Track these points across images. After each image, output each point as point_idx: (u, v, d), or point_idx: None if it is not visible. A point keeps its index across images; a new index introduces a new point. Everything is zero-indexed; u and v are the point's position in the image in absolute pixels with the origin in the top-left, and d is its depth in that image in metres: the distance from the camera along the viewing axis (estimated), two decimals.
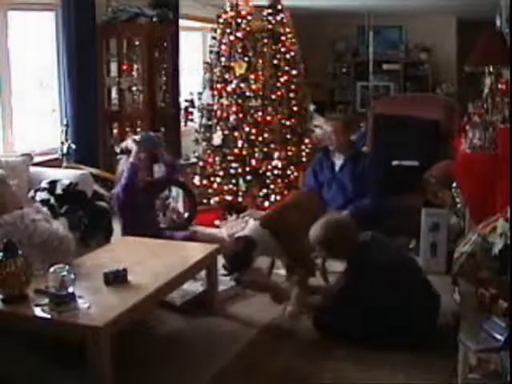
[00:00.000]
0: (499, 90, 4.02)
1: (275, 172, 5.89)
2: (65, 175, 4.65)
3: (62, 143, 5.20)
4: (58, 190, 4.42)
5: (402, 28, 10.00)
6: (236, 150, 5.91)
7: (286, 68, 6.06)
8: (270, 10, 6.04)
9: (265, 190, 5.88)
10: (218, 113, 6.02)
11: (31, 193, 4.29)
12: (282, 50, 6.03)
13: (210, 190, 6.00)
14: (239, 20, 5.94)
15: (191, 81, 7.48)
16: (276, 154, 5.90)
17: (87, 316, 2.80)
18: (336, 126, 4.83)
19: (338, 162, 4.87)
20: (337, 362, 3.22)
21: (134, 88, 6.05)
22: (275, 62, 6.01)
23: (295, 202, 4.00)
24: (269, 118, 5.93)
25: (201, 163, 6.12)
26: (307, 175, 5.19)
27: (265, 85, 5.95)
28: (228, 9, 6.01)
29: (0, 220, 3.33)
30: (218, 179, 5.97)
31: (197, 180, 6.08)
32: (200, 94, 6.31)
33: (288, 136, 6.07)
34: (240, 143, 5.90)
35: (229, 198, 5.89)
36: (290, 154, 6.05)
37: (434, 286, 3.53)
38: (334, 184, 4.84)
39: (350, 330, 3.37)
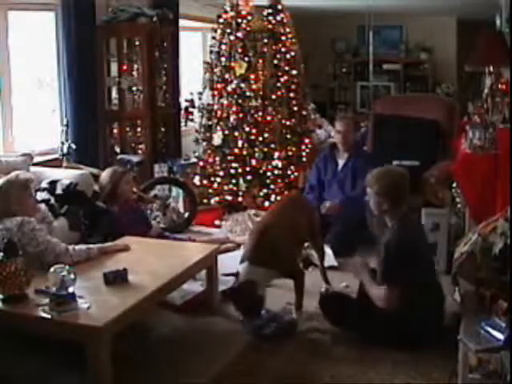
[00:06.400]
0: (499, 89, 4.02)
1: (275, 172, 5.89)
2: (65, 175, 4.66)
3: (62, 143, 5.20)
4: (58, 190, 4.42)
5: (402, 28, 9.98)
6: (236, 150, 5.92)
7: (286, 68, 6.07)
8: (270, 10, 6.04)
9: (265, 190, 5.88)
10: (218, 113, 6.02)
11: None
12: (282, 50, 6.04)
13: (210, 190, 6.00)
14: (239, 20, 5.95)
15: (191, 81, 7.48)
16: (276, 154, 5.91)
17: (87, 316, 2.80)
18: (348, 125, 4.95)
19: (341, 161, 4.97)
20: (336, 361, 3.22)
21: (134, 88, 6.05)
22: (275, 61, 6.02)
23: (274, 217, 3.98)
24: (269, 117, 5.94)
25: (201, 163, 6.12)
26: (311, 172, 5.35)
27: (265, 85, 5.95)
28: (228, 9, 6.02)
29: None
30: (218, 179, 5.97)
31: (197, 180, 6.09)
32: (200, 93, 6.31)
33: (288, 136, 6.08)
34: (240, 143, 5.90)
35: (229, 197, 5.90)
36: (290, 153, 6.05)
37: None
38: (334, 182, 4.92)
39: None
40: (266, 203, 5.79)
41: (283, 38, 6.05)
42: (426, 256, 3.52)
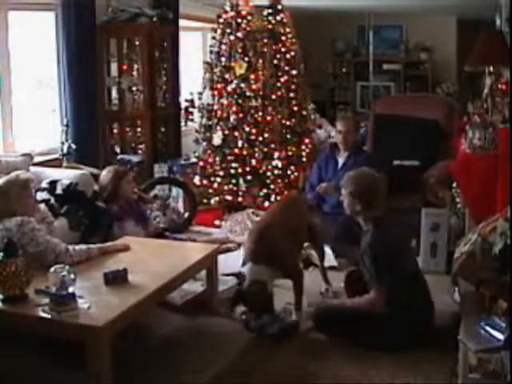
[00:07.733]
0: (499, 89, 4.02)
1: (275, 172, 5.89)
2: (65, 175, 4.66)
3: (62, 143, 5.20)
4: (58, 190, 4.42)
5: (402, 28, 9.99)
6: (236, 150, 5.92)
7: (286, 68, 6.06)
8: (270, 10, 6.04)
9: (265, 190, 5.88)
10: (218, 113, 6.02)
11: None
12: (282, 49, 6.03)
13: (210, 190, 6.00)
14: (239, 20, 5.94)
15: (191, 81, 7.48)
16: (276, 154, 5.90)
17: (87, 316, 2.80)
18: (349, 126, 4.97)
19: (342, 160, 4.99)
20: (337, 361, 3.22)
21: (134, 88, 6.05)
22: (275, 61, 6.02)
23: (273, 217, 3.98)
24: (269, 117, 5.94)
25: (201, 163, 6.12)
26: (312, 171, 5.37)
27: (265, 85, 5.95)
28: (228, 9, 6.02)
29: None
30: (218, 179, 5.97)
31: (197, 180, 6.09)
32: (200, 93, 6.31)
33: (288, 136, 6.08)
34: (240, 143, 5.90)
35: (229, 197, 5.90)
36: (290, 153, 6.05)
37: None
38: (335, 182, 4.92)
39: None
40: (266, 203, 5.79)
41: (283, 37, 6.05)
42: (408, 257, 3.58)
